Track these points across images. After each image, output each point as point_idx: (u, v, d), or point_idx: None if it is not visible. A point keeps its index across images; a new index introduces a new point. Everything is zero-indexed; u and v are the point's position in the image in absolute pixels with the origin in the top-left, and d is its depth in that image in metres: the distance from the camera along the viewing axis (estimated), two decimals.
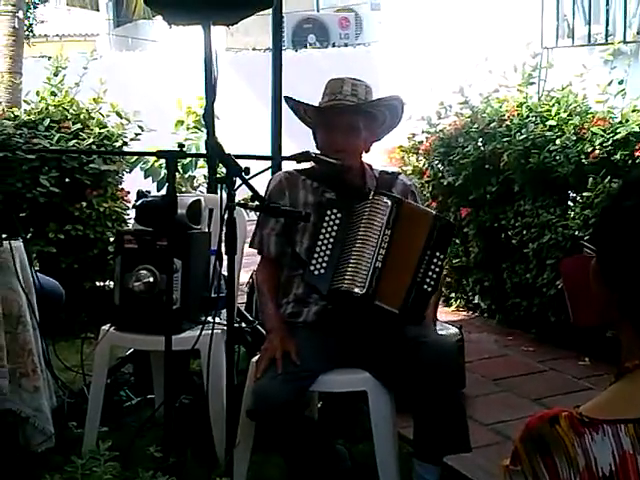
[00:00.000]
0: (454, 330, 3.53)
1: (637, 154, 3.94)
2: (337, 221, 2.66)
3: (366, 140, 2.77)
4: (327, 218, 2.67)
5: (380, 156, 3.28)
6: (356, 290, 2.56)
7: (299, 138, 3.24)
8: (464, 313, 5.07)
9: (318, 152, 2.74)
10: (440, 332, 3.29)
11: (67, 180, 4.62)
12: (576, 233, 4.00)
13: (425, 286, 2.61)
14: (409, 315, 2.57)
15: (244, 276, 3.82)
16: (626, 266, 1.19)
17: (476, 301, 5.05)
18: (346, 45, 11.69)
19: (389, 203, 2.62)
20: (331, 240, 2.65)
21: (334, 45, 11.72)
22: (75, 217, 4.62)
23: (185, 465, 2.54)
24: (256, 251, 2.86)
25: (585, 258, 1.48)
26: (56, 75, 4.92)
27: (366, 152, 2.80)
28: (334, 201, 2.72)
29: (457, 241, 4.96)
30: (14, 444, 3.02)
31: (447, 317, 4.63)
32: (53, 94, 4.88)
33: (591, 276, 1.28)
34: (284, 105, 4.00)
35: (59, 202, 4.59)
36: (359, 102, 2.69)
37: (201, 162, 6.00)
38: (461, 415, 2.55)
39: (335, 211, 2.68)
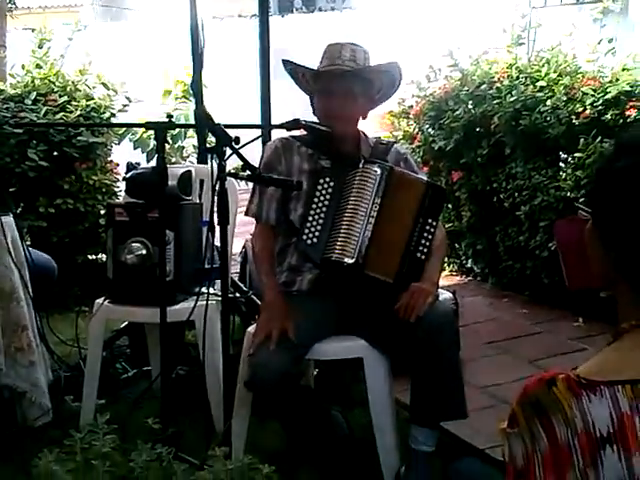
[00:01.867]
0: (448, 295, 3.54)
1: (628, 113, 3.93)
2: (329, 190, 2.65)
3: (363, 107, 2.74)
4: (320, 187, 2.65)
5: (371, 122, 3.26)
6: (346, 260, 2.55)
7: (291, 105, 3.22)
8: (457, 277, 5.09)
9: (308, 120, 2.72)
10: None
11: (55, 154, 4.59)
12: (568, 194, 4.00)
13: (418, 254, 2.60)
14: (404, 283, 2.56)
15: (236, 246, 3.82)
16: (622, 226, 1.19)
17: (469, 265, 5.07)
18: (333, 9, 11.59)
19: (378, 171, 2.60)
20: (323, 209, 2.64)
21: (320, 10, 11.61)
22: (65, 191, 4.60)
23: (183, 436, 2.55)
24: (253, 219, 2.83)
25: (578, 220, 1.48)
26: (41, 47, 4.87)
27: (363, 119, 2.78)
28: (327, 169, 2.70)
29: (449, 205, 4.97)
30: (11, 419, 3.03)
31: (441, 282, 4.63)
32: (38, 67, 4.83)
33: (586, 237, 1.28)
34: (272, 72, 3.98)
35: (48, 176, 4.57)
36: (358, 67, 2.67)
37: (190, 132, 5.97)
38: (458, 381, 2.56)
39: (328, 179, 2.66)
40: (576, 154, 4.02)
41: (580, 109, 4.07)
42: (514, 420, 1.17)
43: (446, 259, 5.10)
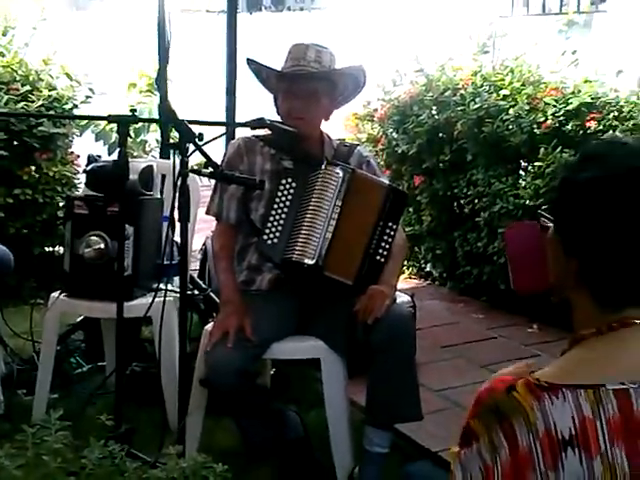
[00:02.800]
0: (406, 298, 3.56)
1: (588, 124, 3.99)
2: (291, 190, 2.65)
3: (326, 108, 2.75)
4: (282, 187, 2.65)
5: (336, 124, 3.26)
6: (306, 261, 2.55)
7: (257, 103, 3.21)
8: (416, 281, 5.13)
9: (273, 119, 2.71)
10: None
11: (15, 143, 4.52)
12: (527, 202, 4.05)
13: (378, 257, 2.62)
14: (363, 286, 2.58)
15: (197, 242, 3.79)
16: (586, 235, 1.22)
17: (428, 269, 5.10)
18: (301, 9, 11.57)
19: (340, 174, 2.60)
20: (285, 210, 2.64)
21: (289, 9, 11.59)
22: (24, 181, 4.53)
23: (137, 433, 2.53)
24: (213, 217, 2.83)
25: (528, 225, 1.51)
26: (4, 35, 4.79)
27: (326, 120, 2.78)
28: (289, 170, 2.70)
29: (410, 209, 5.00)
30: None
31: (399, 285, 4.65)
32: (1, 54, 4.75)
33: (548, 244, 1.31)
34: (239, 70, 3.97)
35: (7, 165, 4.50)
36: (323, 69, 2.67)
37: (153, 126, 5.93)
38: (413, 383, 2.58)
39: (290, 180, 2.66)
40: (536, 163, 4.07)
41: (542, 119, 4.12)
42: (471, 436, 1.17)
43: (405, 262, 5.12)
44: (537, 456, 1.12)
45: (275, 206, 2.65)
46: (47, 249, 4.74)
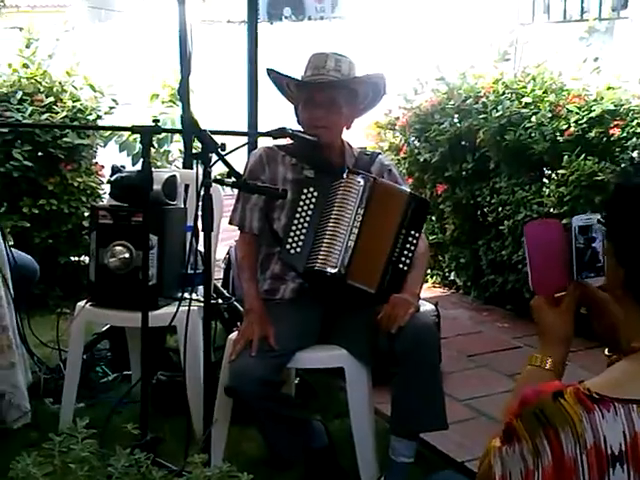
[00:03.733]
0: (430, 307, 3.55)
1: (611, 132, 3.97)
2: (313, 200, 2.66)
3: (347, 117, 2.75)
4: (304, 197, 2.66)
5: (357, 132, 3.27)
6: (329, 270, 2.56)
7: (278, 113, 3.23)
8: (440, 290, 5.11)
9: (295, 129, 2.72)
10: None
11: (40, 154, 4.57)
12: (551, 210, 4.03)
13: (401, 265, 2.61)
14: (386, 294, 2.57)
15: (221, 252, 3.81)
16: (631, 241, 1.19)
17: (452, 278, 5.08)
18: (322, 18, 11.63)
19: (362, 182, 2.61)
20: (307, 219, 2.65)
21: (310, 18, 11.65)
22: (49, 191, 4.58)
23: (163, 442, 2.54)
24: (236, 227, 2.84)
25: (548, 222, 1.48)
26: (28, 47, 4.85)
27: (347, 129, 2.79)
28: (311, 179, 2.71)
29: (433, 218, 4.99)
30: None
31: (423, 294, 4.63)
32: (25, 66, 4.81)
33: (605, 253, 1.28)
34: (261, 80, 3.99)
35: (33, 176, 4.55)
36: (343, 78, 2.68)
37: (176, 136, 5.96)
38: (439, 392, 2.57)
39: (312, 189, 2.67)
40: (560, 171, 4.05)
41: (565, 126, 4.10)
42: (513, 435, 1.14)
43: (429, 271, 5.11)
44: (582, 469, 1.09)
45: (297, 215, 2.66)
46: (72, 259, 4.78)
